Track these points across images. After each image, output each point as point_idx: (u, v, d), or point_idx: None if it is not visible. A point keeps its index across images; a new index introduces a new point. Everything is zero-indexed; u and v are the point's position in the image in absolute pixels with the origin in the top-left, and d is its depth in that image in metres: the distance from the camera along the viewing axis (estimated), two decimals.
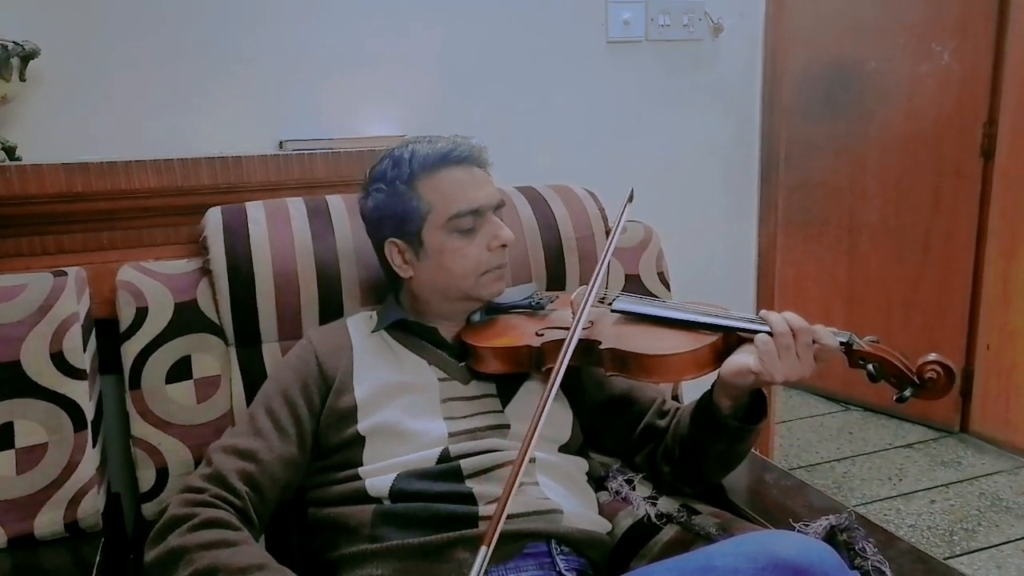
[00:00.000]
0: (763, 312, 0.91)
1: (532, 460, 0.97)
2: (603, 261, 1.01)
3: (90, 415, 1.04)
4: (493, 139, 1.09)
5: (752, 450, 1.05)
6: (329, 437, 0.98)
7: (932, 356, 0.84)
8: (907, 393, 0.86)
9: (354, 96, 1.62)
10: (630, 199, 1.10)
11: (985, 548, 1.97)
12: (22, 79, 1.30)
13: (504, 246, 1.04)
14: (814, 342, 0.88)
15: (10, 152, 1.30)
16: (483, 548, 0.75)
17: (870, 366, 0.87)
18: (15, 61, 1.26)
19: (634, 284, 1.35)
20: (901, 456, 2.50)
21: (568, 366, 1.00)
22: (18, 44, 1.26)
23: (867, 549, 0.86)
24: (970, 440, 2.58)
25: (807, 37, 2.75)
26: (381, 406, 0.98)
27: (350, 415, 0.98)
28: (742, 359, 0.88)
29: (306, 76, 1.58)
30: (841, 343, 0.88)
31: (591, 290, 0.97)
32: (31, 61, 1.30)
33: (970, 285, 2.53)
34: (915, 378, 0.85)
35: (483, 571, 0.73)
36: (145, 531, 0.90)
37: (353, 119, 1.61)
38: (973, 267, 2.52)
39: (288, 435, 0.97)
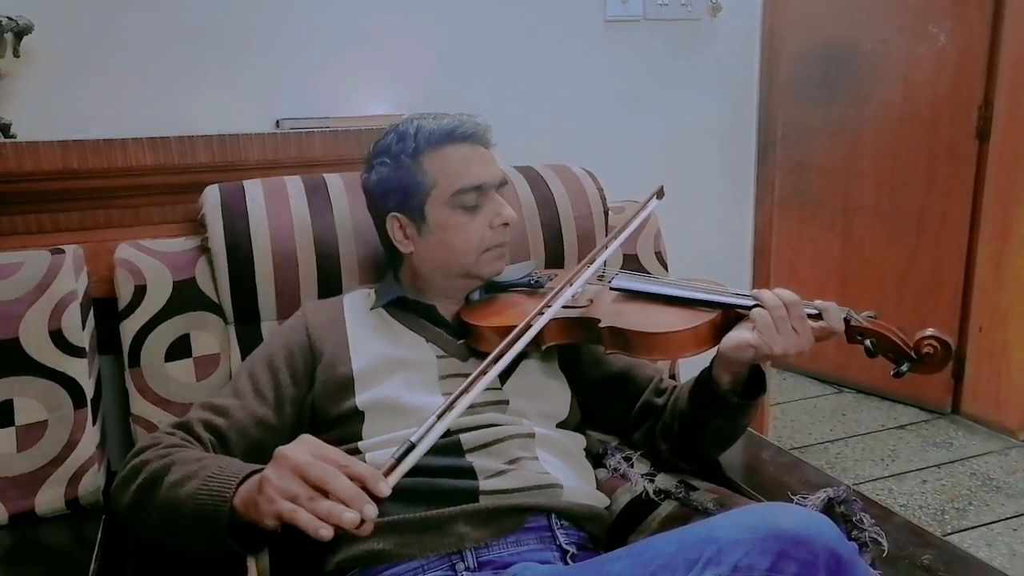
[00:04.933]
0: (755, 291, 0.92)
1: (531, 435, 0.97)
2: (615, 243, 1.02)
3: (90, 393, 1.04)
4: (491, 118, 1.09)
5: (749, 429, 1.06)
6: (328, 409, 0.99)
7: (929, 331, 0.85)
8: (904, 368, 0.86)
9: (351, 75, 1.61)
10: (659, 195, 1.09)
11: (976, 527, 2.00)
12: (16, 55, 1.28)
13: (506, 224, 1.04)
14: (819, 318, 0.88)
15: (5, 129, 1.30)
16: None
17: (868, 341, 0.88)
18: (8, 37, 1.25)
19: (632, 263, 1.35)
20: (893, 437, 2.52)
21: (566, 343, 1.01)
22: (11, 19, 1.25)
23: (864, 521, 0.88)
24: (961, 421, 2.60)
25: (803, 17, 2.74)
26: (379, 380, 0.98)
27: (347, 386, 0.98)
28: (741, 334, 0.89)
29: (303, 55, 1.57)
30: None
31: (586, 264, 0.97)
32: (25, 37, 1.28)
33: (963, 267, 2.54)
34: (912, 353, 0.86)
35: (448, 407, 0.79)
36: None
37: (350, 98, 1.61)
38: (966, 249, 2.53)
39: (265, 398, 0.98)
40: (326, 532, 0.68)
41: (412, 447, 0.76)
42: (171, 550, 0.90)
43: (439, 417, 0.79)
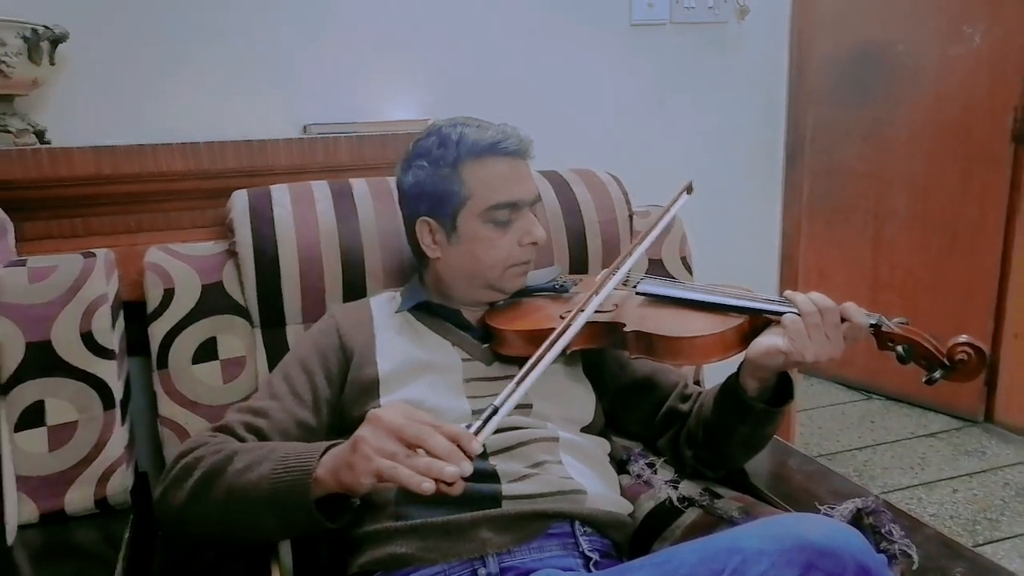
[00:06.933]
0: (788, 293, 0.90)
1: (556, 439, 0.97)
2: (651, 236, 1.01)
3: (119, 394, 1.05)
4: (516, 123, 1.08)
5: (775, 436, 1.04)
6: (353, 411, 0.99)
7: (963, 337, 0.83)
8: (937, 375, 0.85)
9: (377, 80, 1.63)
10: (688, 190, 1.08)
11: (1008, 538, 1.95)
12: (51, 63, 1.31)
13: (535, 243, 1.04)
14: (843, 320, 0.87)
15: (40, 135, 1.32)
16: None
17: (899, 348, 0.86)
18: (45, 45, 1.27)
19: (657, 268, 1.35)
20: (924, 445, 2.47)
21: (591, 348, 1.01)
22: (48, 28, 1.28)
23: (893, 532, 0.86)
24: (995, 430, 2.55)
25: (834, 19, 2.71)
26: (404, 382, 0.98)
27: (372, 388, 0.99)
28: (771, 340, 0.88)
29: (330, 61, 1.58)
30: (871, 325, 0.87)
31: (615, 268, 0.97)
32: (60, 45, 1.31)
33: (998, 273, 2.49)
34: (945, 360, 0.84)
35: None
36: None
37: (376, 103, 1.62)
38: (1001, 254, 2.47)
39: (303, 400, 0.98)
40: (428, 485, 0.69)
41: (496, 410, 0.78)
42: (217, 546, 0.91)
43: (518, 384, 0.80)
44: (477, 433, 0.75)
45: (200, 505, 0.85)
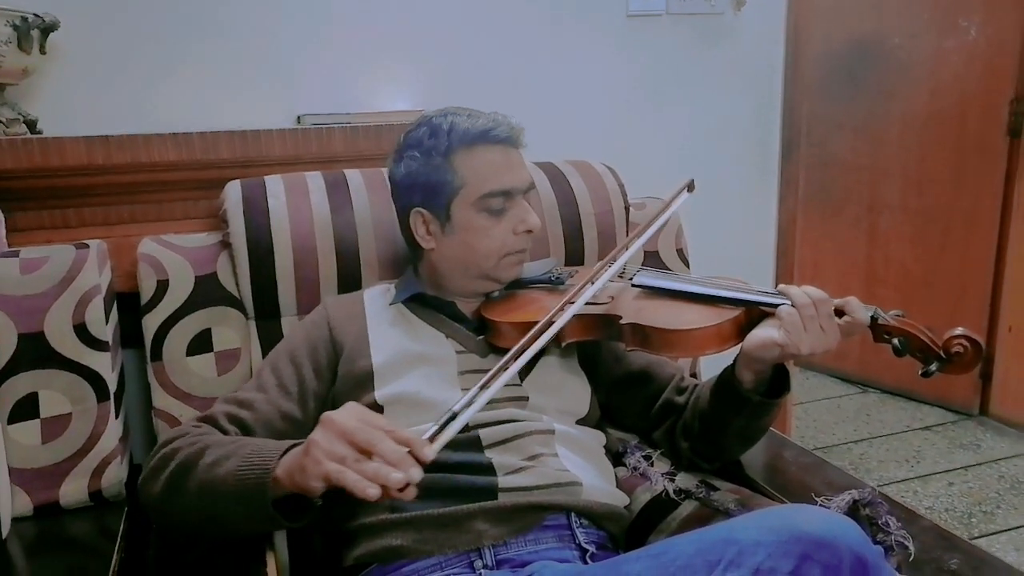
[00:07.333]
0: (782, 286, 0.90)
1: (551, 432, 0.97)
2: (648, 233, 1.01)
3: (113, 386, 1.04)
4: (511, 114, 1.08)
5: (771, 428, 1.04)
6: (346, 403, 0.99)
7: (959, 330, 0.83)
8: (933, 368, 0.85)
9: (371, 71, 1.62)
10: (689, 188, 1.07)
11: (1004, 531, 1.96)
12: (42, 52, 1.30)
13: (530, 231, 1.03)
14: (843, 314, 0.87)
15: (31, 125, 1.31)
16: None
17: (895, 340, 0.86)
18: (35, 34, 1.26)
19: (653, 261, 1.34)
20: (919, 438, 2.48)
21: (586, 340, 1.00)
22: (38, 16, 1.26)
23: (890, 524, 0.86)
24: (990, 423, 2.56)
25: (829, 11, 2.70)
26: (399, 375, 0.98)
27: (366, 380, 0.98)
28: (766, 332, 0.88)
29: (324, 52, 1.57)
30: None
31: (609, 261, 0.97)
32: (51, 34, 1.30)
33: (993, 266, 2.49)
34: (941, 352, 0.84)
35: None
36: None
37: (370, 94, 1.61)
38: (996, 248, 2.48)
39: (290, 392, 0.98)
40: (373, 491, 0.69)
41: (454, 416, 0.76)
42: (202, 538, 0.90)
43: (482, 388, 0.79)
44: (433, 439, 0.74)
45: (176, 496, 0.85)
